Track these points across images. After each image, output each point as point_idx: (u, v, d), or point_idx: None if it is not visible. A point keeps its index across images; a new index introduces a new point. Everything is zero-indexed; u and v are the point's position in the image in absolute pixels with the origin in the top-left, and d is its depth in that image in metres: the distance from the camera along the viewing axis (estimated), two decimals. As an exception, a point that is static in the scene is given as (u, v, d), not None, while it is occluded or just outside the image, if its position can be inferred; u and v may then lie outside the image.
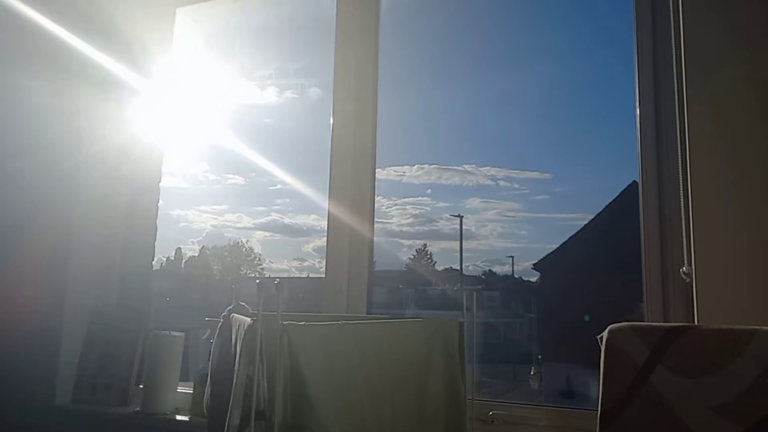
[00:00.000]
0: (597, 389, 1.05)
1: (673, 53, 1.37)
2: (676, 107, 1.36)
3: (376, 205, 1.84)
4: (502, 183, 2.12)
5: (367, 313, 1.76)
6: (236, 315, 1.10)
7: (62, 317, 1.86)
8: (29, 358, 1.83)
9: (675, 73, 1.36)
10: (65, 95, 1.95)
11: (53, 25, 1.98)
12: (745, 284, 1.18)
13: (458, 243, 2.13)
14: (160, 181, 2.08)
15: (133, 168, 2.06)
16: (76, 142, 1.96)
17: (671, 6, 1.39)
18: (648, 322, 1.37)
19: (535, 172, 2.11)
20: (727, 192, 1.22)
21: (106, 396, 1.81)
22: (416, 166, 2.18)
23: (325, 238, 1.84)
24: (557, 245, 2.04)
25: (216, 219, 2.43)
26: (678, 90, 1.34)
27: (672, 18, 1.38)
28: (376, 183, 1.84)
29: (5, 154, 2.00)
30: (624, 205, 1.74)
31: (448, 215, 2.18)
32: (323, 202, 1.85)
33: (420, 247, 2.24)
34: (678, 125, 1.34)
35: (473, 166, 2.13)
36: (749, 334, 0.94)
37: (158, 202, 2.07)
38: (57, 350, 1.84)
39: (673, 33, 1.37)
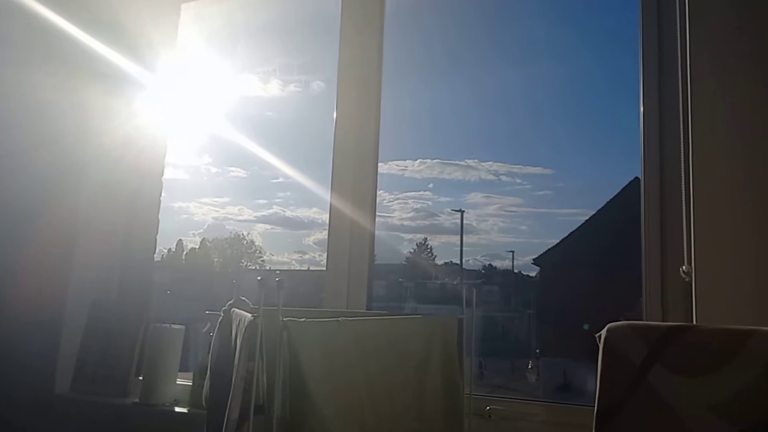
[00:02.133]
0: (594, 384, 1.05)
1: (678, 51, 1.36)
2: (680, 105, 1.35)
3: (377, 199, 1.84)
4: (504, 178, 2.12)
5: (367, 307, 1.76)
6: (237, 310, 1.11)
7: (64, 308, 1.87)
8: (30, 348, 1.84)
9: (680, 71, 1.35)
10: (72, 90, 1.96)
11: (61, 20, 1.99)
12: (744, 284, 1.18)
13: (459, 237, 2.13)
14: (162, 174, 2.08)
15: (137, 161, 2.07)
16: (82, 136, 1.97)
17: (677, 4, 1.38)
18: (647, 320, 1.37)
19: (538, 168, 2.11)
20: (729, 191, 1.22)
21: (106, 386, 1.82)
22: (419, 160, 2.18)
23: (325, 231, 1.84)
24: (558, 240, 2.04)
25: (217, 211, 2.43)
26: (682, 88, 1.34)
27: (678, 15, 1.37)
28: (378, 177, 1.84)
29: (15, 149, 2.02)
30: (625, 201, 1.74)
31: (449, 210, 2.18)
32: (324, 195, 1.85)
33: (421, 241, 2.25)
34: (681, 123, 1.34)
35: (476, 161, 2.13)
36: (747, 335, 0.94)
37: (161, 194, 2.08)
38: (57, 340, 1.85)
39: (678, 30, 1.37)
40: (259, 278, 0.97)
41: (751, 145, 1.22)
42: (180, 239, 2.50)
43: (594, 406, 1.03)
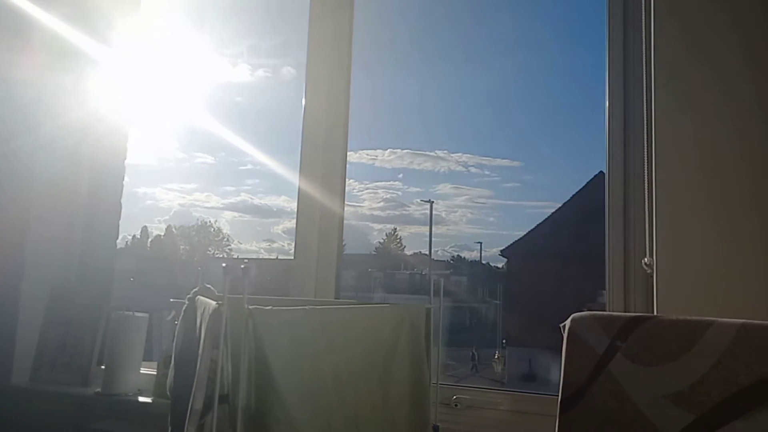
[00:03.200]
0: (556, 374, 1.07)
1: (643, 48, 1.39)
2: (644, 101, 1.38)
3: (347, 189, 1.83)
4: (473, 170, 2.14)
5: (335, 297, 1.75)
6: (201, 297, 1.09)
7: (19, 295, 1.80)
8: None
9: (644, 68, 1.38)
10: (22, 65, 1.87)
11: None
12: (704, 276, 1.22)
13: (428, 228, 2.14)
14: (125, 158, 2.02)
15: (97, 143, 1.99)
16: (34, 116, 1.88)
17: (643, 3, 1.40)
18: (610, 311, 1.40)
19: (506, 160, 2.13)
20: (690, 187, 1.26)
21: (66, 376, 1.78)
22: (389, 150, 2.18)
23: (294, 220, 1.82)
24: (525, 232, 2.07)
25: (184, 198, 2.39)
26: (646, 85, 1.36)
27: (644, 14, 1.40)
28: (348, 166, 1.83)
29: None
30: (591, 194, 1.77)
31: (419, 200, 2.19)
32: (294, 183, 1.83)
33: (390, 231, 2.25)
34: (645, 119, 1.36)
35: (445, 151, 2.14)
36: (705, 326, 0.97)
37: (123, 179, 2.02)
38: (14, 328, 1.79)
39: (644, 29, 1.39)
40: (224, 265, 0.95)
41: (712, 141, 1.26)
42: (145, 226, 2.45)
43: (557, 395, 1.05)
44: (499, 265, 2.26)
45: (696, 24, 1.30)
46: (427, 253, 2.18)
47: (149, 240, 2.50)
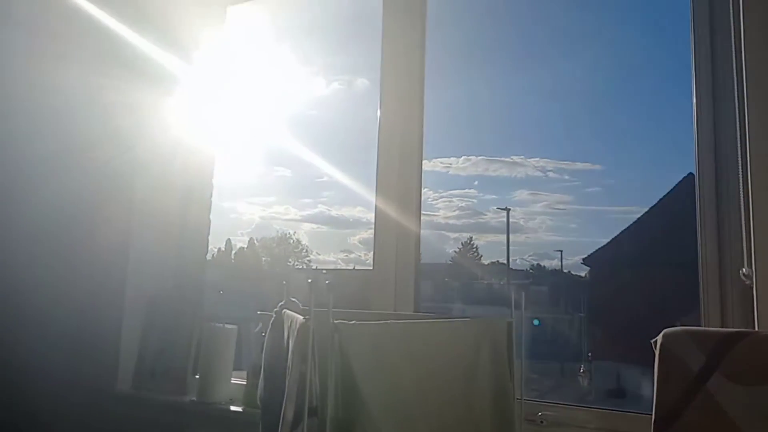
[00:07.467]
0: (647, 389, 1.03)
1: (732, 41, 1.31)
2: (735, 97, 1.30)
3: (422, 198, 1.84)
4: (551, 174, 2.08)
5: (415, 308, 1.76)
6: (287, 311, 1.13)
7: (123, 305, 1.93)
8: (93, 344, 1.91)
9: (734, 63, 1.30)
10: (128, 91, 2.02)
11: (114, 23, 2.06)
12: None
13: (505, 236, 2.11)
14: (213, 175, 2.14)
15: (188, 160, 2.12)
16: (137, 136, 2.03)
17: (732, -6, 1.33)
18: (704, 325, 1.32)
19: (587, 164, 2.06)
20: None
21: (165, 383, 1.86)
22: (463, 157, 2.16)
23: (370, 230, 1.85)
24: (608, 239, 1.98)
25: (264, 211, 2.48)
26: (737, 80, 1.29)
27: (731, 5, 1.32)
28: (423, 175, 1.84)
29: (76, 146, 2.09)
30: (679, 198, 1.67)
31: (495, 208, 2.16)
32: (369, 194, 1.86)
33: (466, 240, 2.23)
34: (737, 115, 1.28)
35: (522, 157, 2.10)
36: (814, 343, 0.90)
37: (211, 194, 2.13)
38: (118, 336, 1.91)
39: (732, 21, 1.31)
40: (309, 280, 0.98)
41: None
42: (229, 238, 2.56)
43: (650, 414, 1.01)
44: (582, 274, 2.18)
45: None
46: (505, 262, 2.15)
47: (233, 252, 2.61)
